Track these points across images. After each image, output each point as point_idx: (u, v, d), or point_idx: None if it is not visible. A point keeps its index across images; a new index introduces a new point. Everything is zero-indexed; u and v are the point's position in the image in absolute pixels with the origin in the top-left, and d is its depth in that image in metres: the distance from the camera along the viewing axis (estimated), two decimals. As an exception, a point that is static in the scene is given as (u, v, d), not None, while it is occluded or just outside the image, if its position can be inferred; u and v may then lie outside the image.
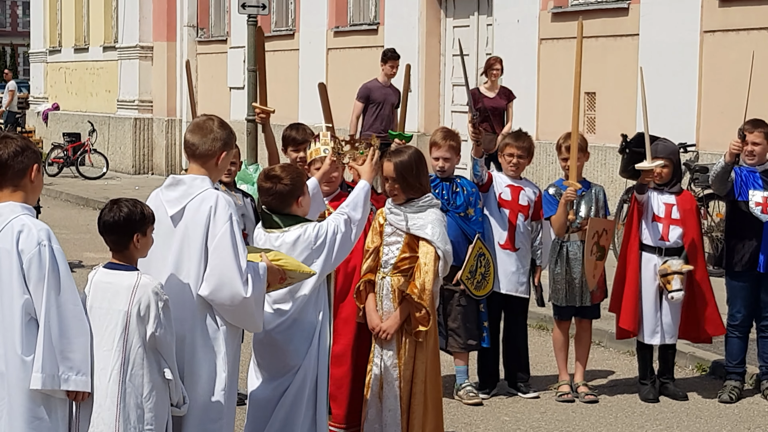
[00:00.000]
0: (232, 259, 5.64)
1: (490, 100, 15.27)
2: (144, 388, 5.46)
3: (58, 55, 30.85)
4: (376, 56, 19.62)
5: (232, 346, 5.86)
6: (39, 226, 5.32)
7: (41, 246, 5.24)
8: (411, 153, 7.23)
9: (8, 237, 5.26)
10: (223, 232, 5.66)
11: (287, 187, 6.43)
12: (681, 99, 14.21)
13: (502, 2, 17.09)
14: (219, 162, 5.90)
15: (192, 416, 5.72)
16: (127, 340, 5.43)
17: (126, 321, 5.42)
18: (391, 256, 7.14)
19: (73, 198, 21.79)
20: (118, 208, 5.53)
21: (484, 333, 8.77)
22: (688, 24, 14.26)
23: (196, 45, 25.46)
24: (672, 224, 8.89)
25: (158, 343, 5.46)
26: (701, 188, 13.27)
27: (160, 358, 5.50)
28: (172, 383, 5.54)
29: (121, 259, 5.56)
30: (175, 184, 5.86)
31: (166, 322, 5.48)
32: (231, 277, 5.64)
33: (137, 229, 5.52)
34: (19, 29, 78.04)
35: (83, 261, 14.34)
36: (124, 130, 26.57)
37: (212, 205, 5.70)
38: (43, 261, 5.22)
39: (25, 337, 5.23)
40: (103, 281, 5.54)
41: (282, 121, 10.56)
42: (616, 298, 9.00)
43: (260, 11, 18.65)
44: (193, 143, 5.88)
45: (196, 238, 5.70)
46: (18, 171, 5.39)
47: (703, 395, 9.10)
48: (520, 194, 8.89)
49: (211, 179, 5.86)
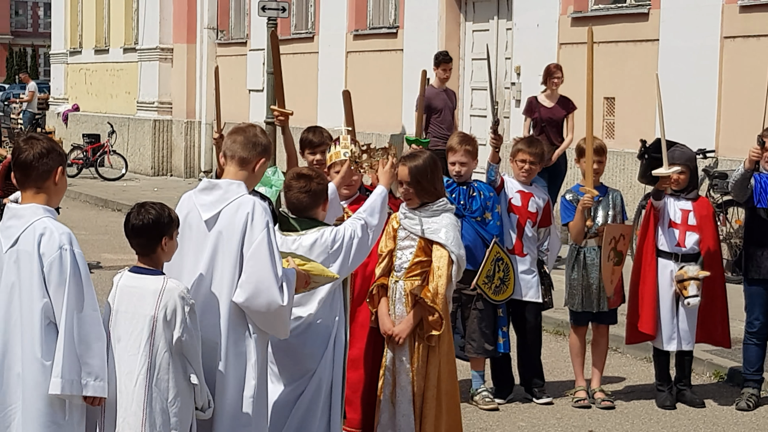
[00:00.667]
0: (270, 267, 5.61)
1: (548, 110, 14.12)
2: (169, 393, 5.44)
3: (78, 57, 30.95)
4: (395, 59, 19.68)
5: (262, 353, 5.83)
6: (61, 229, 5.29)
7: (63, 250, 5.21)
8: (426, 157, 7.23)
9: (30, 240, 5.25)
10: (261, 240, 5.62)
11: (321, 187, 6.47)
12: (700, 105, 14.17)
13: (522, 6, 17.08)
14: (256, 168, 5.89)
15: (222, 423, 5.68)
16: (154, 345, 5.41)
17: (152, 325, 5.41)
18: (404, 260, 7.14)
19: (92, 199, 21.85)
20: (145, 211, 5.50)
21: (502, 338, 8.75)
22: (708, 29, 14.22)
23: (216, 47, 25.50)
24: (688, 230, 8.87)
25: (184, 347, 5.44)
26: (720, 195, 13.23)
27: (186, 362, 5.48)
28: (198, 387, 5.52)
29: (147, 262, 5.54)
30: (210, 188, 5.84)
31: (192, 327, 5.46)
32: (268, 285, 5.60)
33: (165, 232, 5.50)
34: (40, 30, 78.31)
35: (101, 262, 14.38)
36: (144, 131, 26.65)
37: (249, 211, 5.67)
38: (64, 265, 5.20)
39: (45, 340, 5.22)
40: (129, 285, 5.52)
41: (301, 124, 10.57)
42: (631, 303, 8.98)
43: (280, 14, 18.76)
44: (232, 146, 5.88)
45: (231, 244, 5.66)
46: (42, 173, 5.37)
47: (721, 402, 9.07)
48: (529, 201, 8.88)
49: (246, 185, 5.85)
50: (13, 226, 5.34)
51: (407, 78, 19.15)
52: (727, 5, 14.05)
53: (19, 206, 5.39)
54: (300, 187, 6.46)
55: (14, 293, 5.29)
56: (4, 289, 5.33)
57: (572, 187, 9.17)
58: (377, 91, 19.91)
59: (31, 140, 5.41)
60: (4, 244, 5.34)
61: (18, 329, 5.28)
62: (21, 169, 5.40)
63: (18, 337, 5.28)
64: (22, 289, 5.27)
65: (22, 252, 5.27)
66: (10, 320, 5.30)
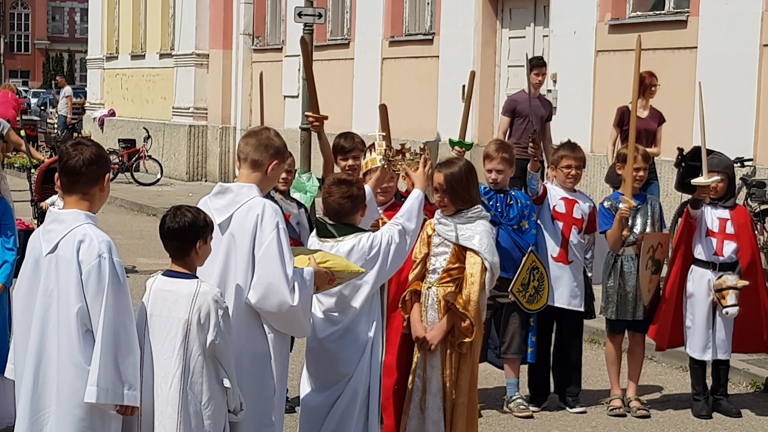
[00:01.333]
0: (279, 268, 5.64)
1: (642, 120, 13.23)
2: (203, 396, 5.45)
3: (114, 62, 31.11)
4: (431, 66, 19.65)
5: (281, 353, 5.87)
6: (101, 237, 5.27)
7: (101, 258, 5.20)
8: (462, 164, 7.21)
9: (69, 246, 5.24)
10: (270, 240, 5.66)
11: (361, 192, 6.49)
12: (739, 112, 14.08)
13: (559, 13, 17.02)
14: (269, 170, 5.90)
15: (244, 423, 5.71)
16: (188, 348, 5.42)
17: (186, 329, 5.41)
18: (438, 266, 7.12)
19: (128, 204, 21.94)
20: (182, 214, 5.51)
21: (530, 348, 8.73)
22: (747, 37, 14.13)
23: (252, 53, 25.56)
24: (726, 239, 8.81)
25: (218, 350, 5.44)
26: (758, 203, 13.14)
27: (219, 365, 5.48)
28: (230, 390, 5.52)
29: (181, 266, 5.54)
30: (222, 192, 5.87)
31: (226, 330, 5.47)
32: (278, 285, 5.64)
33: (200, 235, 5.50)
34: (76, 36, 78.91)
35: (137, 266, 14.43)
36: (179, 137, 26.74)
37: (259, 213, 5.70)
38: (102, 273, 5.19)
39: (83, 346, 5.21)
40: (163, 289, 5.53)
41: (336, 130, 10.57)
42: (663, 311, 8.92)
43: (316, 20, 18.77)
44: (244, 149, 5.91)
45: (243, 247, 5.70)
46: (90, 179, 5.36)
47: (757, 413, 9.00)
48: (574, 207, 8.85)
49: (259, 188, 5.85)
50: (53, 230, 5.34)
51: (443, 85, 19.13)
52: (767, 12, 13.95)
53: (61, 211, 5.38)
54: (342, 192, 6.48)
55: (52, 299, 5.29)
56: (42, 295, 5.33)
57: (611, 194, 9.12)
58: (413, 97, 19.89)
59: (79, 146, 5.40)
60: (44, 248, 5.33)
61: (54, 335, 5.27)
62: (69, 175, 5.38)
63: (54, 342, 5.27)
64: (60, 296, 5.26)
65: (61, 258, 5.26)
66: (47, 326, 5.30)
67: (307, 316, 5.86)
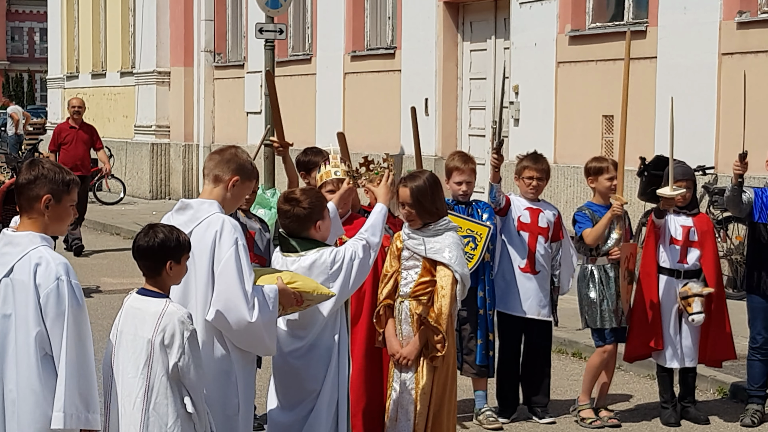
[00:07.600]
0: (237, 284, 5.61)
1: None
2: (169, 418, 5.36)
3: (75, 81, 30.95)
4: (393, 80, 19.67)
5: (244, 370, 5.82)
6: (57, 259, 5.15)
7: (60, 281, 5.08)
8: (426, 177, 7.20)
9: (25, 269, 5.12)
10: (228, 257, 5.63)
11: (305, 211, 6.42)
12: (699, 121, 14.15)
13: (520, 26, 17.08)
14: (230, 186, 5.87)
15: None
16: (152, 369, 5.35)
17: (150, 349, 5.35)
18: (409, 281, 7.11)
19: (91, 223, 21.79)
20: (153, 233, 5.43)
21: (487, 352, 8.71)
22: (706, 46, 14.21)
23: (213, 70, 25.51)
24: (690, 246, 8.85)
25: (181, 373, 5.35)
26: (720, 211, 13.20)
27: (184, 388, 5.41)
28: (196, 415, 5.43)
29: (153, 285, 5.47)
30: (183, 208, 5.86)
31: (192, 353, 5.37)
32: (236, 302, 5.61)
33: (170, 256, 5.42)
34: (36, 56, 78.41)
35: (101, 286, 14.29)
36: (141, 155, 26.63)
37: (218, 229, 5.67)
38: (61, 297, 5.08)
39: (41, 372, 5.10)
40: (134, 307, 5.47)
41: (300, 145, 10.55)
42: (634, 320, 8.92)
43: (277, 36, 18.74)
44: (208, 165, 5.91)
45: (202, 263, 5.67)
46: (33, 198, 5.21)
47: (725, 419, 9.02)
48: (539, 216, 8.86)
49: (223, 206, 5.82)
50: (8, 253, 5.21)
51: (405, 98, 19.13)
52: (725, 22, 14.04)
53: (16, 234, 5.26)
54: (285, 212, 6.48)
55: (10, 324, 5.17)
56: None
57: (584, 203, 9.09)
58: (375, 112, 19.90)
59: (31, 165, 5.30)
60: None
61: (13, 361, 5.16)
62: (17, 194, 5.29)
63: (13, 368, 5.16)
64: (18, 320, 5.14)
65: (17, 281, 5.14)
66: (6, 352, 5.18)
67: (271, 334, 5.80)
